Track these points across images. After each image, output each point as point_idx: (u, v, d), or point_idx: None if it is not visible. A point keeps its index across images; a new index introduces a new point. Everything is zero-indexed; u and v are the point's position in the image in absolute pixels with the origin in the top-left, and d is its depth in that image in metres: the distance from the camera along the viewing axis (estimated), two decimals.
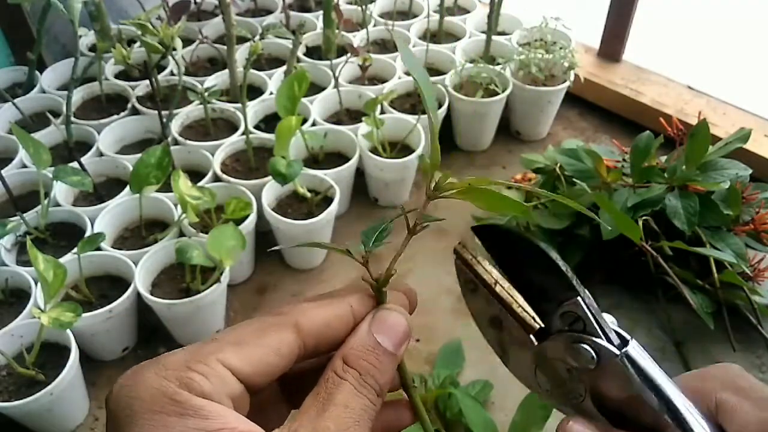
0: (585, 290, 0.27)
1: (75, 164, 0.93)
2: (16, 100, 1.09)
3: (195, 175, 0.98)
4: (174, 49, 0.90)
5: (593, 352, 0.27)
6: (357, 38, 1.27)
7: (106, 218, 0.91)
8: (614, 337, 0.27)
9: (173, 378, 0.24)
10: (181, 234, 0.91)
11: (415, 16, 1.36)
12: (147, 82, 1.11)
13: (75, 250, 0.81)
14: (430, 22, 1.30)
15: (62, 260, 0.79)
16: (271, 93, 1.12)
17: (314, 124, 1.07)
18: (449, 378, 0.80)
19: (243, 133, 1.01)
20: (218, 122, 1.10)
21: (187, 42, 1.20)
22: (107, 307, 0.79)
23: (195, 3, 1.34)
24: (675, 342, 0.88)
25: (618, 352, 0.26)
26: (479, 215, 1.04)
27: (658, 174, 0.90)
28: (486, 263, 0.29)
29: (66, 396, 0.76)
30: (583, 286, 0.27)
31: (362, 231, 0.31)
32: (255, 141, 1.03)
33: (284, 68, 1.15)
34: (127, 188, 0.92)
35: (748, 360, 0.86)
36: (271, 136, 0.98)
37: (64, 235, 0.90)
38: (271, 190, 0.97)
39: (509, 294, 0.28)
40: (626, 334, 0.27)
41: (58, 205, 0.92)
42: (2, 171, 0.87)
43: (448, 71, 1.18)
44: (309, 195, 0.97)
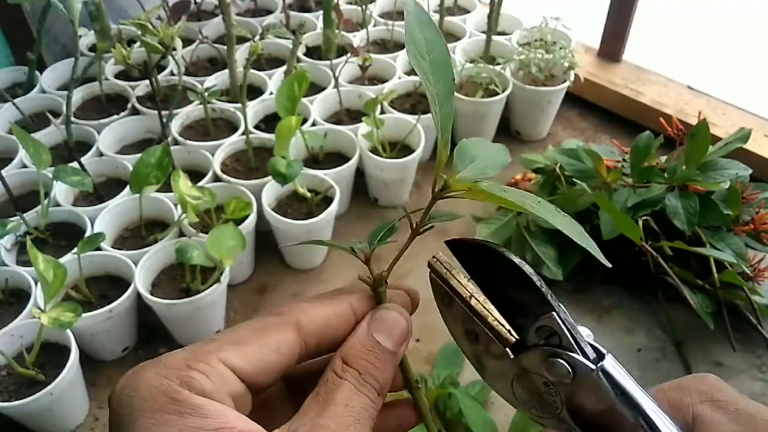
0: (560, 305, 0.27)
1: (75, 164, 0.93)
2: (16, 100, 1.09)
3: (195, 175, 0.98)
4: (174, 49, 0.90)
5: (569, 367, 0.27)
6: (357, 38, 1.27)
7: (106, 218, 0.91)
8: (590, 351, 0.27)
9: (174, 377, 0.24)
10: (181, 234, 0.91)
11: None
12: (147, 82, 1.11)
13: (75, 250, 0.81)
14: None
15: (62, 260, 0.79)
16: (271, 93, 1.12)
17: (314, 124, 1.07)
18: (449, 378, 0.80)
19: (243, 133, 1.01)
20: (218, 122, 1.10)
21: (187, 42, 1.20)
22: (107, 307, 0.79)
23: (195, 3, 1.34)
24: (675, 342, 0.88)
25: (593, 367, 0.26)
26: (479, 215, 1.03)
27: (658, 174, 0.90)
28: (461, 276, 0.29)
29: (66, 396, 0.75)
30: (558, 301, 0.27)
31: (371, 232, 0.31)
32: (255, 141, 1.03)
33: (284, 68, 1.15)
34: (127, 188, 0.92)
35: (748, 360, 0.86)
36: (271, 136, 0.98)
37: (64, 235, 0.90)
38: (271, 190, 0.97)
39: (484, 307, 0.28)
40: (602, 348, 0.27)
41: (58, 205, 0.92)
42: (2, 171, 0.87)
43: None
44: (309, 195, 0.97)
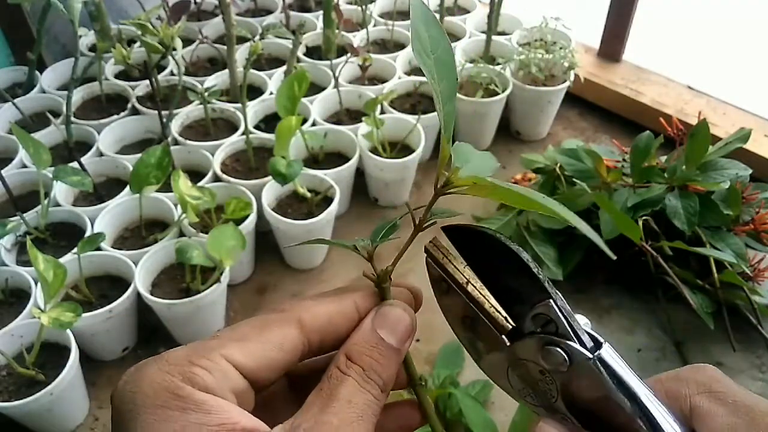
0: (557, 292, 0.27)
1: (75, 164, 0.93)
2: (16, 100, 1.09)
3: (195, 175, 0.98)
4: (174, 49, 0.90)
5: (565, 355, 0.26)
6: (357, 38, 1.27)
7: (106, 218, 0.91)
8: (587, 340, 0.27)
9: (176, 373, 0.24)
10: (181, 234, 0.91)
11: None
12: (147, 82, 1.11)
13: (75, 250, 0.81)
14: None
15: (62, 260, 0.79)
16: (271, 93, 1.12)
17: (314, 124, 1.07)
18: (449, 378, 0.80)
19: (243, 133, 1.01)
20: (218, 122, 1.10)
21: (187, 42, 1.20)
22: (107, 307, 0.79)
23: (195, 3, 1.34)
24: (675, 342, 0.88)
25: (590, 356, 0.26)
26: (479, 215, 1.03)
27: (658, 174, 0.90)
28: (458, 262, 0.29)
29: (66, 396, 0.75)
30: (556, 289, 0.27)
31: (373, 230, 0.31)
32: (255, 141, 1.03)
33: (284, 68, 1.15)
34: (127, 188, 0.92)
35: (748, 360, 0.86)
36: (271, 136, 0.98)
37: (64, 235, 0.90)
38: (271, 190, 0.97)
39: (481, 294, 0.28)
40: (599, 337, 0.27)
41: (58, 205, 0.92)
42: (2, 171, 0.87)
43: None
44: (309, 195, 0.97)
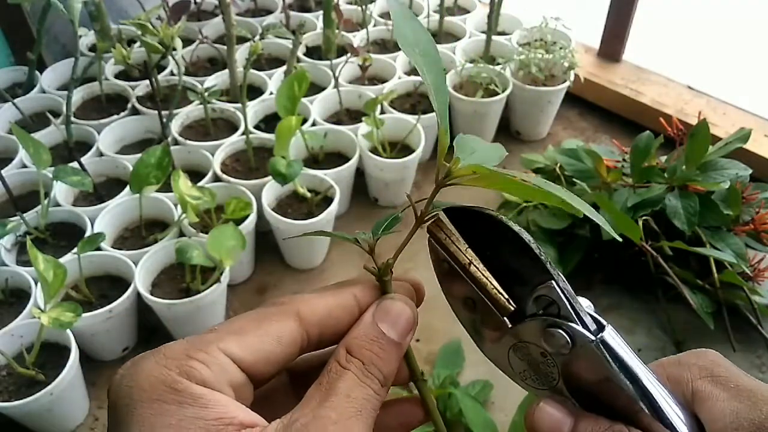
0: (559, 273, 0.26)
1: (75, 164, 0.93)
2: (16, 100, 1.09)
3: (195, 175, 0.98)
4: (174, 49, 0.90)
5: (568, 337, 0.26)
6: (357, 38, 1.27)
7: (106, 218, 0.91)
8: (590, 322, 0.26)
9: (173, 366, 0.23)
10: (181, 234, 0.91)
11: (416, 16, 1.36)
12: (147, 82, 1.11)
13: (75, 250, 0.81)
14: (430, 22, 1.30)
15: (62, 260, 0.79)
16: (271, 93, 1.12)
17: (314, 124, 1.07)
18: (449, 378, 0.80)
19: (243, 133, 1.01)
20: (218, 122, 1.10)
21: (187, 42, 1.20)
22: (107, 307, 0.79)
23: (195, 3, 1.34)
24: (675, 342, 0.88)
25: (593, 338, 0.26)
26: None
27: (658, 174, 0.90)
28: (460, 243, 0.28)
29: (66, 396, 0.75)
30: (558, 271, 0.27)
31: (375, 224, 0.30)
32: (255, 141, 1.03)
33: (284, 68, 1.15)
34: (127, 188, 0.92)
35: (748, 360, 0.86)
36: (271, 136, 0.98)
37: (64, 235, 0.90)
38: (271, 190, 0.97)
39: (483, 275, 0.28)
40: (602, 319, 0.27)
41: (58, 205, 0.92)
42: (2, 171, 0.87)
43: (448, 71, 1.18)
44: (309, 195, 0.97)
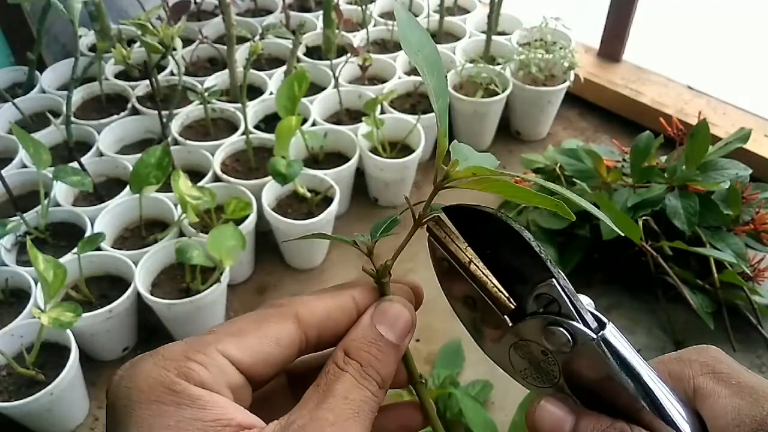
0: (560, 271, 0.26)
1: (75, 164, 0.93)
2: (16, 100, 1.09)
3: (195, 175, 0.98)
4: (174, 49, 0.90)
5: (569, 335, 0.26)
6: (357, 38, 1.27)
7: (106, 218, 0.91)
8: (591, 320, 0.26)
9: (172, 368, 0.23)
10: (181, 234, 0.91)
11: (416, 16, 1.35)
12: (147, 82, 1.11)
13: (75, 250, 0.81)
14: (430, 22, 1.30)
15: (62, 260, 0.79)
16: (271, 93, 1.12)
17: (314, 124, 1.07)
18: (449, 378, 0.80)
19: (243, 133, 1.01)
20: (218, 122, 1.10)
21: (187, 42, 1.20)
22: (107, 307, 0.79)
23: (195, 3, 1.34)
24: (675, 342, 0.88)
25: (594, 336, 0.26)
26: None
27: (658, 174, 0.90)
28: (460, 241, 0.28)
29: (66, 396, 0.75)
30: (559, 268, 0.27)
31: (373, 226, 0.30)
32: (255, 141, 1.03)
33: (284, 68, 1.15)
34: (127, 188, 0.92)
35: (748, 360, 0.86)
36: (271, 136, 0.98)
37: (64, 235, 0.90)
38: (271, 190, 0.97)
39: (483, 273, 0.28)
40: (603, 317, 0.26)
41: (58, 205, 0.92)
42: (2, 171, 0.87)
43: (448, 71, 1.18)
44: (309, 195, 0.97)
